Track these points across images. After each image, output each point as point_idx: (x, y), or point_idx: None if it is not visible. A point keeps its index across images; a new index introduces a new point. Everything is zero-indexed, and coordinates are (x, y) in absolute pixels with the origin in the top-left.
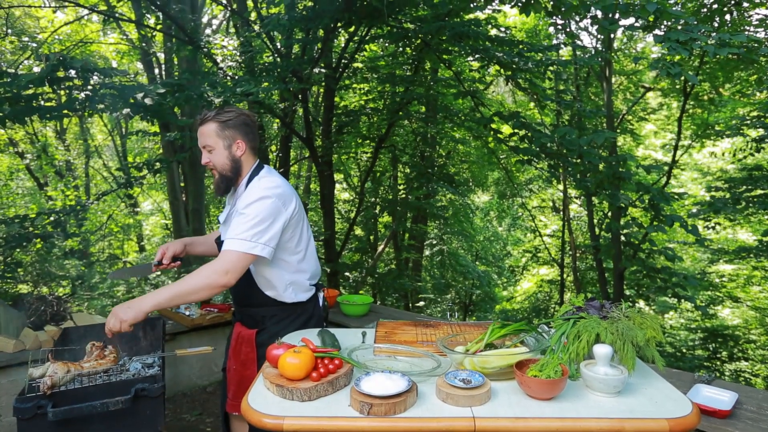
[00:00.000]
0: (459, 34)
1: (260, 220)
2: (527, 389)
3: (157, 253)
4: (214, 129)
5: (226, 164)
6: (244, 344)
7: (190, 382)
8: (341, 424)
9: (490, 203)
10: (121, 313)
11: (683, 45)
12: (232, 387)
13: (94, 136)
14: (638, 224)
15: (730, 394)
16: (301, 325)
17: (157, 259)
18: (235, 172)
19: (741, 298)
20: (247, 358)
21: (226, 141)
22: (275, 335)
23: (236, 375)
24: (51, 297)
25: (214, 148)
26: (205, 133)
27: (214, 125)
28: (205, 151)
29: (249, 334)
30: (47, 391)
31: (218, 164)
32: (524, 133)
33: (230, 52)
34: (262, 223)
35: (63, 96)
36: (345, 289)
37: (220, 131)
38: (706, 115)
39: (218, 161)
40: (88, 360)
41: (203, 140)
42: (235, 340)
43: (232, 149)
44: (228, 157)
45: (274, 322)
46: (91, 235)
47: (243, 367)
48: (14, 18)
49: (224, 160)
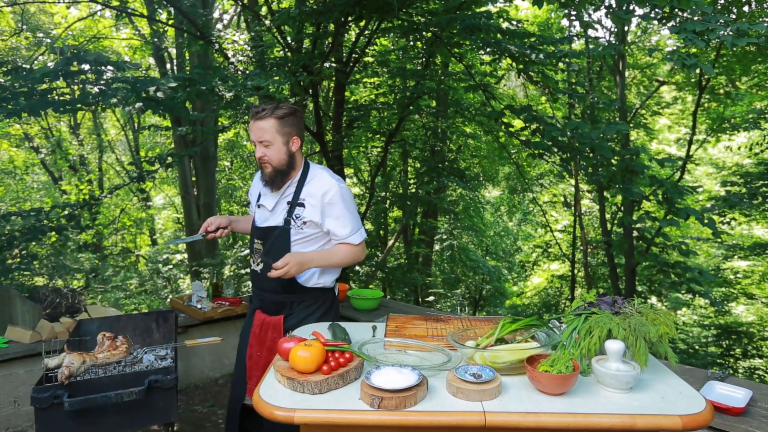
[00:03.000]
0: (470, 27)
1: (353, 209)
2: (538, 384)
3: (204, 224)
4: (274, 125)
5: (283, 159)
6: (270, 330)
7: (202, 375)
8: (352, 417)
9: (500, 198)
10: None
11: (700, 36)
12: (257, 373)
13: (107, 130)
14: (652, 218)
15: (744, 391)
16: (325, 312)
17: (203, 229)
18: (290, 167)
19: (756, 295)
20: (273, 344)
21: (284, 137)
22: (303, 321)
23: (262, 361)
24: (66, 289)
25: (272, 144)
26: (264, 129)
27: (273, 121)
28: (261, 145)
29: (276, 320)
30: (65, 381)
31: (275, 159)
32: (536, 126)
33: (241, 46)
34: (354, 210)
35: (77, 90)
36: (355, 283)
37: (279, 127)
38: (722, 108)
39: (275, 156)
40: (100, 350)
41: (260, 135)
42: (259, 327)
43: (289, 145)
44: (286, 153)
45: (302, 307)
46: (105, 229)
47: (270, 353)
48: (29, 14)
49: (282, 155)
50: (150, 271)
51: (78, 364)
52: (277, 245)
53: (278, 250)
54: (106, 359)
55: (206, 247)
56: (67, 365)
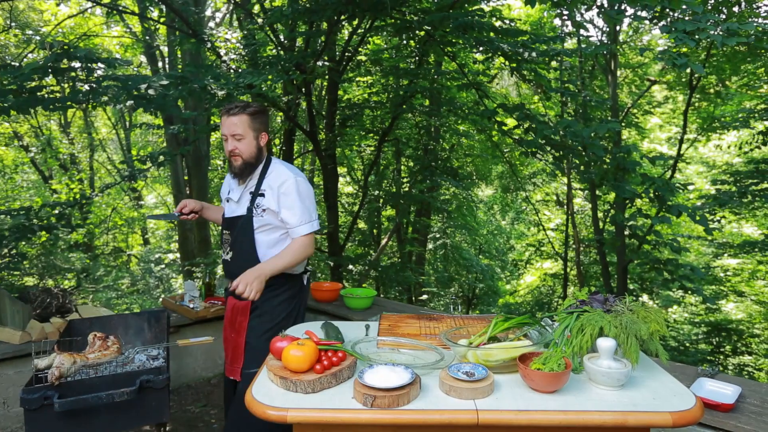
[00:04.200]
0: (463, 25)
1: (310, 200)
2: (530, 382)
3: (179, 205)
4: (246, 120)
5: (252, 152)
6: (239, 314)
7: (194, 374)
8: (345, 416)
9: (493, 197)
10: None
11: (690, 35)
12: (228, 354)
13: (98, 129)
14: (644, 215)
15: (733, 387)
16: (291, 296)
17: (178, 209)
18: (258, 160)
19: (745, 292)
20: (240, 327)
21: (254, 132)
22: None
23: (232, 342)
24: (56, 289)
25: (244, 138)
26: (237, 123)
27: (245, 116)
28: (233, 139)
29: (243, 305)
30: (55, 382)
31: (245, 152)
32: (528, 125)
33: (233, 45)
34: (311, 202)
35: (67, 88)
36: (348, 282)
37: (251, 123)
38: (713, 108)
39: (246, 150)
40: (91, 351)
41: (233, 129)
42: (231, 311)
43: (259, 139)
44: (255, 147)
45: (266, 291)
46: (96, 228)
47: (237, 335)
48: (18, 11)
49: (252, 149)
50: (142, 271)
51: (68, 364)
52: (242, 233)
53: (243, 238)
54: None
55: (198, 246)
56: (58, 366)
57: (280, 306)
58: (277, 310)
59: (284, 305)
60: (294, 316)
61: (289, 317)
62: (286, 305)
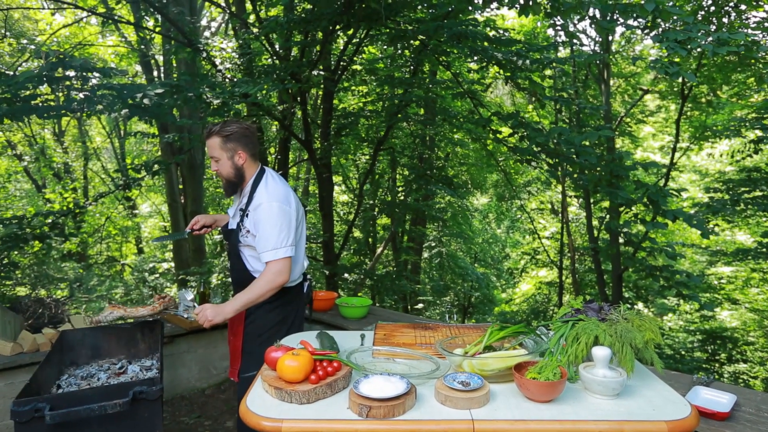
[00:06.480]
0: (457, 34)
1: (280, 227)
2: (526, 392)
3: (191, 222)
4: (218, 142)
5: (230, 172)
6: (235, 320)
7: (188, 385)
8: (340, 427)
9: (488, 205)
10: (210, 315)
11: (681, 45)
12: (230, 357)
13: (92, 138)
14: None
15: (728, 396)
16: (284, 304)
17: (190, 227)
18: (239, 178)
19: (739, 300)
20: (237, 331)
21: (228, 153)
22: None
23: (231, 345)
24: (49, 300)
25: (220, 159)
26: (211, 146)
27: (217, 139)
28: (213, 161)
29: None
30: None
31: (224, 172)
32: (523, 132)
33: (229, 54)
34: (282, 229)
35: (62, 97)
36: (344, 291)
37: (223, 144)
38: (704, 117)
39: (224, 170)
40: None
41: (210, 151)
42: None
43: (234, 159)
44: (231, 167)
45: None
46: (89, 237)
47: (235, 338)
48: (13, 20)
49: (229, 169)
50: (136, 280)
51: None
52: (233, 247)
53: (232, 251)
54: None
55: (193, 255)
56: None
57: (273, 312)
58: (270, 316)
59: (277, 311)
60: (289, 323)
61: (283, 323)
62: (280, 311)
